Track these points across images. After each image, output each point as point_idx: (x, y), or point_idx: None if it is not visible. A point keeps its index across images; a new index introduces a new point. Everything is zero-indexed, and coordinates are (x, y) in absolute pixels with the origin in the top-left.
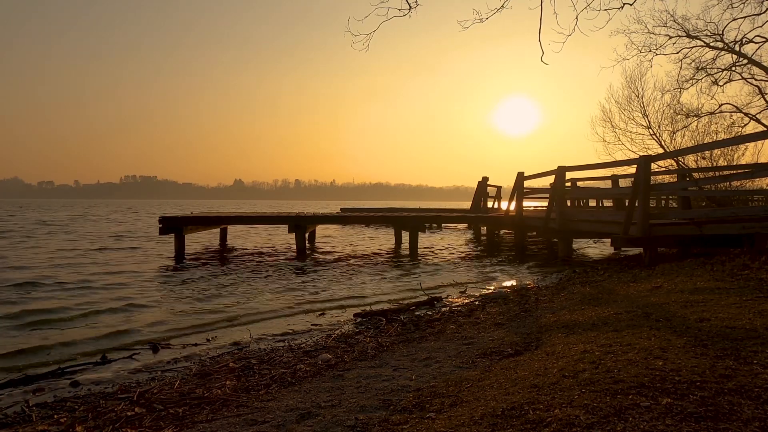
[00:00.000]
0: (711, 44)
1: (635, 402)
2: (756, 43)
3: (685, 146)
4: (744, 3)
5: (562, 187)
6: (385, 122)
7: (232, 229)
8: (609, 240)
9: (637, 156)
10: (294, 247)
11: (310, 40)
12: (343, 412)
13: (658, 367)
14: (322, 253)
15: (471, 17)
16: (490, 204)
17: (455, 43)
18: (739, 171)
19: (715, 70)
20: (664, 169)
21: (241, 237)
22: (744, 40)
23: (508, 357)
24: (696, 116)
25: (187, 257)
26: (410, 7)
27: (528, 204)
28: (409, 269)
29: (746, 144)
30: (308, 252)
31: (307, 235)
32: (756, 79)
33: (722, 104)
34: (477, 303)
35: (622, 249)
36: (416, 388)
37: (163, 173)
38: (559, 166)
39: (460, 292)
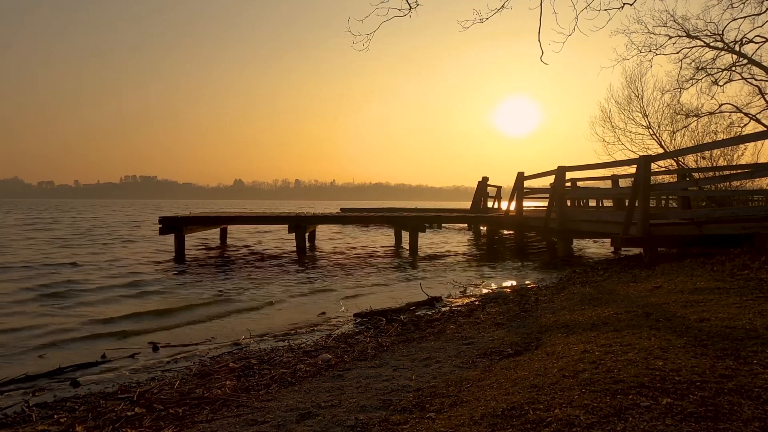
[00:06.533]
0: (711, 44)
1: (635, 402)
2: (756, 43)
3: (685, 146)
4: (744, 3)
5: (562, 187)
6: (385, 122)
7: (232, 229)
8: (609, 240)
9: (637, 156)
10: (294, 247)
11: (310, 39)
12: (343, 412)
13: (658, 367)
14: (322, 253)
15: (471, 17)
16: (490, 204)
17: (455, 43)
18: (739, 171)
19: (715, 70)
20: (664, 169)
21: (241, 237)
22: (744, 40)
23: (508, 357)
24: (696, 116)
25: (187, 257)
26: (410, 7)
27: (528, 204)
28: (409, 269)
29: (746, 144)
30: (308, 252)
31: (307, 235)
32: (756, 79)
33: (722, 104)
34: (477, 303)
35: (622, 249)
36: (416, 388)
37: (163, 173)
38: (559, 166)
39: (460, 292)
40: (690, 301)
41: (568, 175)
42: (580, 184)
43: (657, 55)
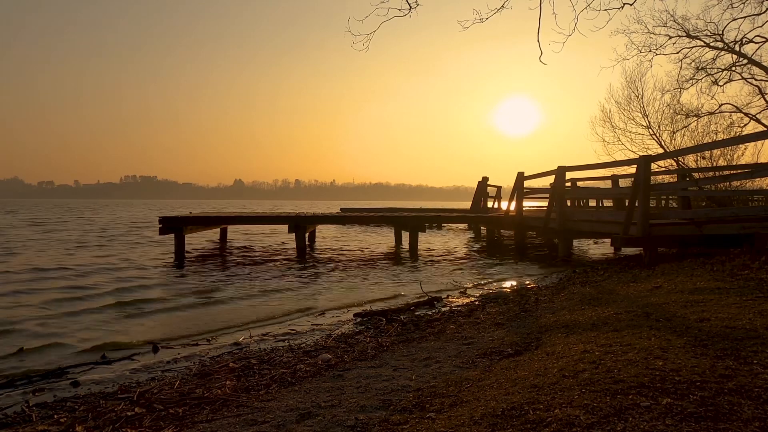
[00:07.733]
0: (711, 44)
1: (635, 402)
2: (756, 43)
3: (685, 146)
4: (744, 3)
5: (562, 187)
6: (385, 122)
7: (232, 229)
8: (609, 240)
9: (637, 156)
10: (294, 247)
11: (310, 39)
12: (343, 412)
13: (658, 367)
14: (322, 253)
15: (471, 17)
16: (490, 204)
17: (455, 43)
18: (739, 171)
19: (715, 70)
20: (664, 169)
21: (241, 237)
22: (744, 40)
23: (508, 357)
24: (696, 116)
25: (188, 257)
26: (410, 7)
27: (528, 204)
28: (409, 269)
29: (746, 144)
30: (308, 252)
31: (307, 235)
32: (756, 79)
33: (722, 104)
34: (477, 303)
35: (622, 249)
36: (416, 388)
37: (163, 173)
38: (559, 166)
39: (460, 292)
40: (690, 301)
41: (568, 175)
42: (580, 184)
43: (657, 55)
